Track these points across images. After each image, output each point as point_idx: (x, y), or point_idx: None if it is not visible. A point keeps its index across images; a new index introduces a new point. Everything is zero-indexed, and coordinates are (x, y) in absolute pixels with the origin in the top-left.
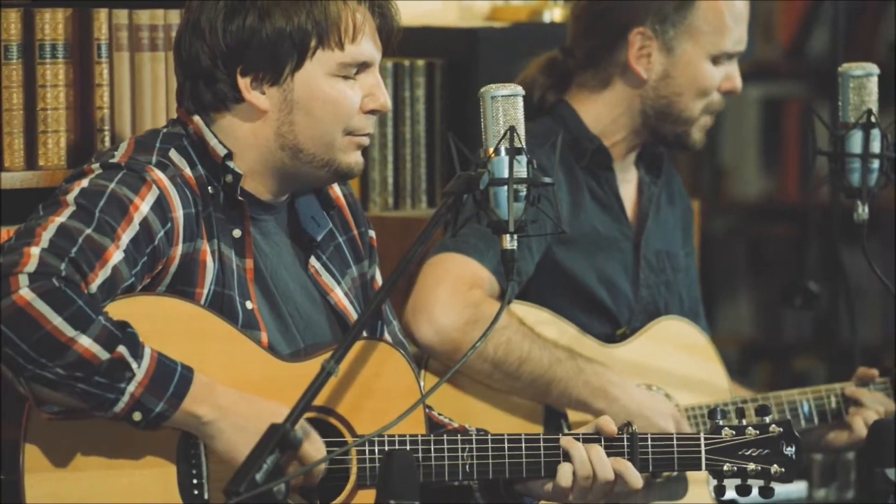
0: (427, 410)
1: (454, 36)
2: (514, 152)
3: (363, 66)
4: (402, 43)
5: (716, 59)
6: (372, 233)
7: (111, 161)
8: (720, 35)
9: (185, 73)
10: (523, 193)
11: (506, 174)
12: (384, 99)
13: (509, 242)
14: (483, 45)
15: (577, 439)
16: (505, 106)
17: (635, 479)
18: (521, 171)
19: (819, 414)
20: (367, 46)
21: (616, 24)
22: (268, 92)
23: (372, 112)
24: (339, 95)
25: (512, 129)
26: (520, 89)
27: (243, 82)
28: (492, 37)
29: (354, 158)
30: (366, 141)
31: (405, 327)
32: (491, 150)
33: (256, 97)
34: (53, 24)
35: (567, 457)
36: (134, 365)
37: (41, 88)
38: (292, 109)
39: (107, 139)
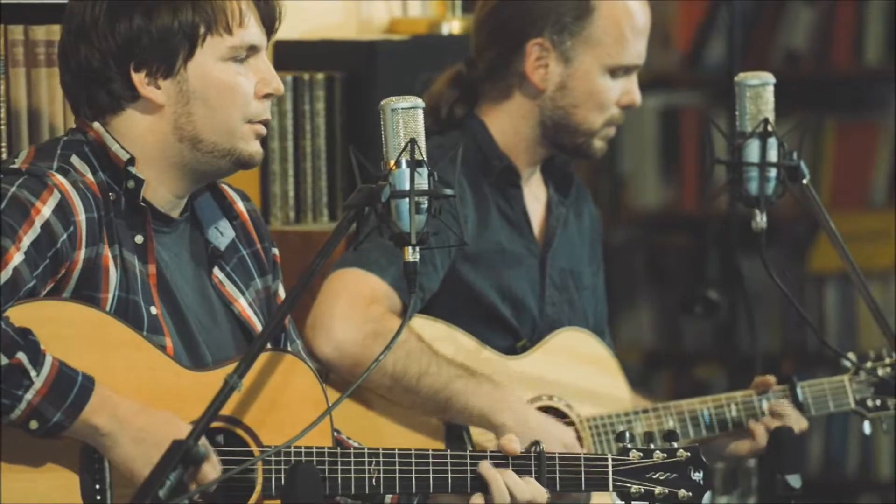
0: (337, 434)
1: (353, 49)
2: (414, 164)
3: (252, 51)
4: (301, 57)
5: (613, 72)
6: (275, 250)
7: (12, 167)
8: (619, 47)
9: (78, 79)
10: (425, 206)
11: (407, 186)
12: (277, 83)
13: (411, 255)
14: (382, 57)
15: (485, 458)
16: (405, 118)
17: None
18: (423, 183)
19: (719, 423)
20: (255, 30)
21: (514, 35)
22: (163, 86)
23: (267, 96)
24: (234, 81)
25: (412, 142)
26: (420, 101)
27: (137, 78)
28: (391, 49)
29: (255, 147)
30: (264, 130)
31: (305, 342)
32: (392, 162)
33: (152, 92)
34: None
35: (483, 485)
36: (32, 373)
37: None
38: (189, 100)
39: (4, 155)
